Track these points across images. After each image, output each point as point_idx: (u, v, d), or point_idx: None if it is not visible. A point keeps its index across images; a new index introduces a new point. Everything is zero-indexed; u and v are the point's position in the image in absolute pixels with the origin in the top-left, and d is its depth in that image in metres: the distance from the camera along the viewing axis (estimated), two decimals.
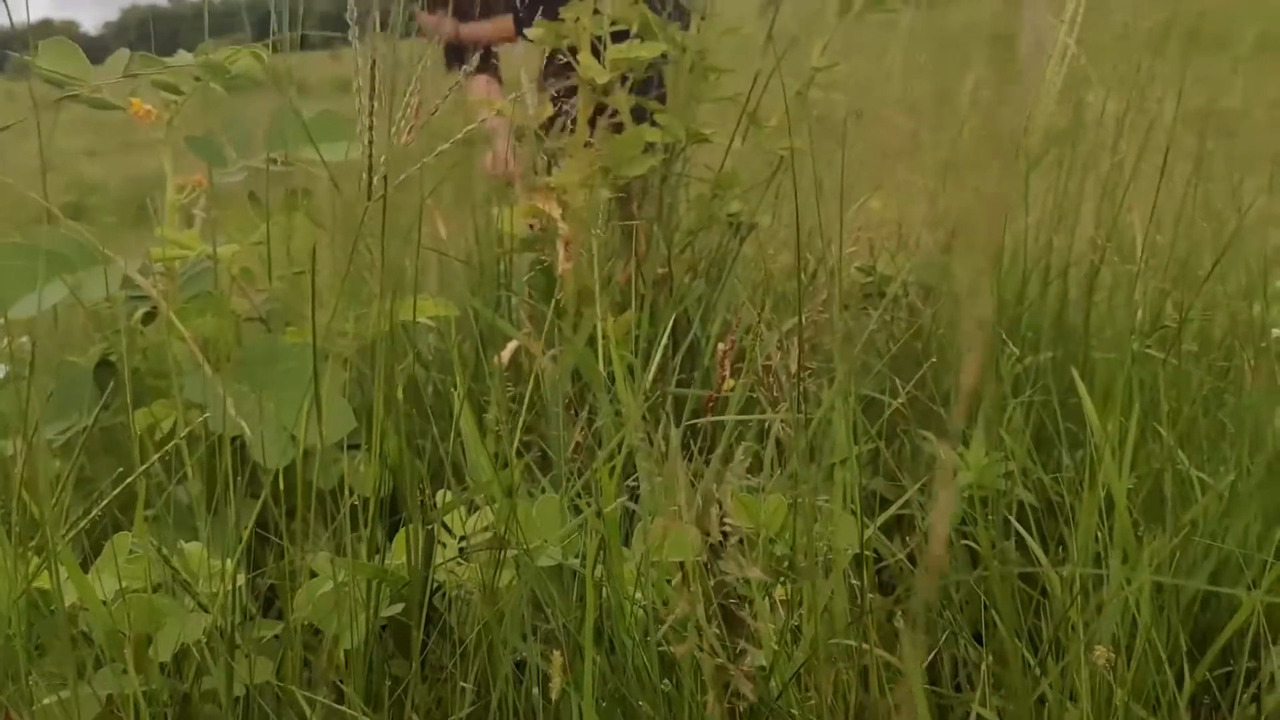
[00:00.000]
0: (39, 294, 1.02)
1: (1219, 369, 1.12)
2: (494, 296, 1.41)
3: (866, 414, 1.27)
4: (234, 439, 1.08)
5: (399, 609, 0.84)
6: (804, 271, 1.47)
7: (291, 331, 1.19)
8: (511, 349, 1.32)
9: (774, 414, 1.25)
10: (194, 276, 1.21)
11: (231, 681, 0.81)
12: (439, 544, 0.89)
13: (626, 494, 1.08)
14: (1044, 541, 1.11)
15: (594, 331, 1.20)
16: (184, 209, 1.20)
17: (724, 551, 1.02)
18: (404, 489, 1.06)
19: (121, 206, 5.82)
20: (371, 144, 0.70)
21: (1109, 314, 1.30)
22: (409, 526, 0.85)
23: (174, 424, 1.12)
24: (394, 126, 0.78)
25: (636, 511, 1.03)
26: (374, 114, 0.69)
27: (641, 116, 1.47)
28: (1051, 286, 1.36)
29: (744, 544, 1.01)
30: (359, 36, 0.79)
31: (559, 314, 1.34)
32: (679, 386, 1.33)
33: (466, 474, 0.95)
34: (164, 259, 1.11)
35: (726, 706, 0.84)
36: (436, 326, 1.31)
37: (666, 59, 1.45)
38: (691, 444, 1.21)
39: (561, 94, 1.49)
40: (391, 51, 1.13)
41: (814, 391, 1.27)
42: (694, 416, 1.28)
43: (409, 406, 1.32)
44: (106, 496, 0.75)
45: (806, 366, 1.28)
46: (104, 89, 1.20)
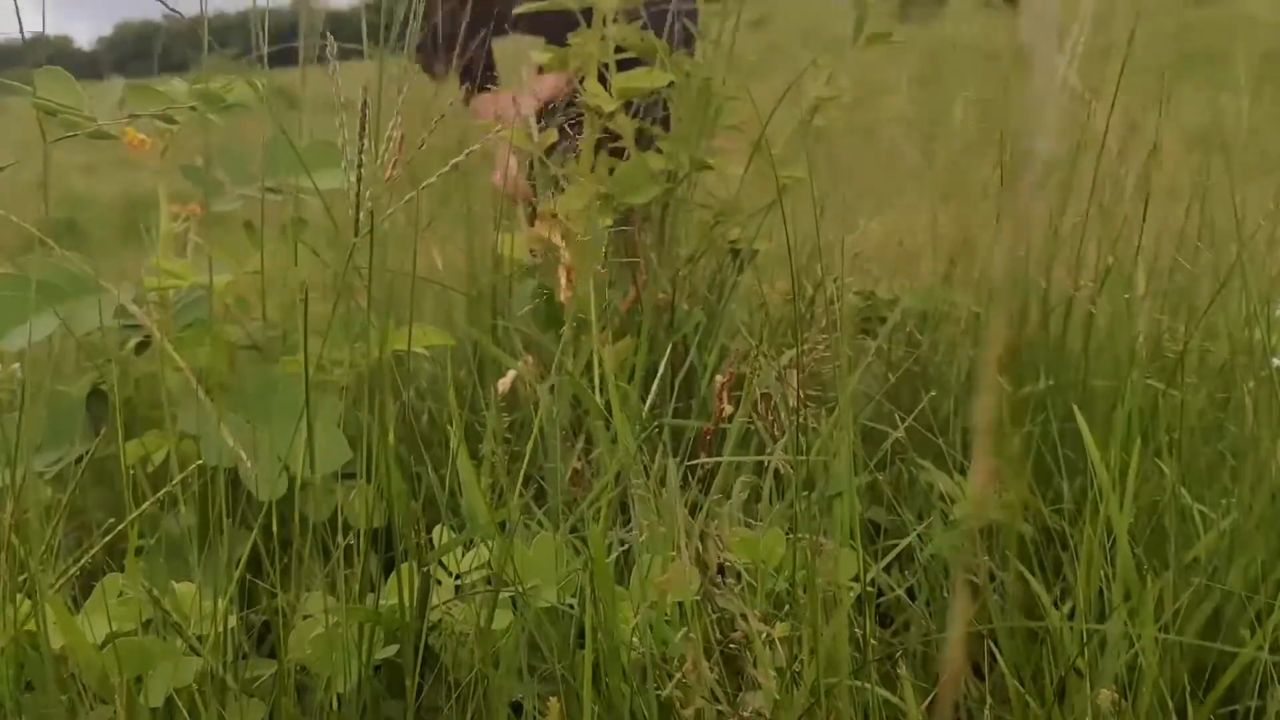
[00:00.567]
0: (29, 326, 1.01)
1: (1219, 400, 1.11)
2: (491, 324, 1.40)
3: (864, 441, 1.26)
4: (228, 470, 1.07)
5: (393, 650, 0.83)
6: (801, 299, 1.47)
7: (287, 361, 1.18)
8: (510, 378, 1.31)
9: (773, 447, 1.24)
10: (188, 305, 1.21)
11: None
12: (434, 582, 0.88)
13: (623, 525, 1.07)
14: (1044, 572, 1.10)
15: (591, 359, 1.19)
16: (178, 237, 1.19)
17: (722, 588, 1.01)
18: (399, 520, 1.06)
19: (116, 223, 5.82)
20: (360, 180, 0.69)
21: (1109, 341, 1.29)
22: (403, 566, 0.84)
23: (167, 455, 1.11)
24: (379, 160, 0.77)
25: (633, 546, 1.02)
26: (362, 151, 0.69)
27: (647, 141, 1.47)
28: (1051, 313, 1.35)
29: (742, 579, 1.00)
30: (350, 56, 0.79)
31: (558, 341, 1.33)
32: (676, 413, 1.32)
33: (462, 507, 0.94)
34: (158, 288, 1.10)
35: None
36: (432, 355, 1.30)
37: (672, 84, 1.44)
38: (689, 476, 1.20)
39: (567, 119, 1.48)
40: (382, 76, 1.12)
41: (812, 423, 1.26)
42: (692, 446, 1.27)
43: (405, 431, 1.31)
44: (97, 543, 0.74)
45: (806, 399, 1.28)
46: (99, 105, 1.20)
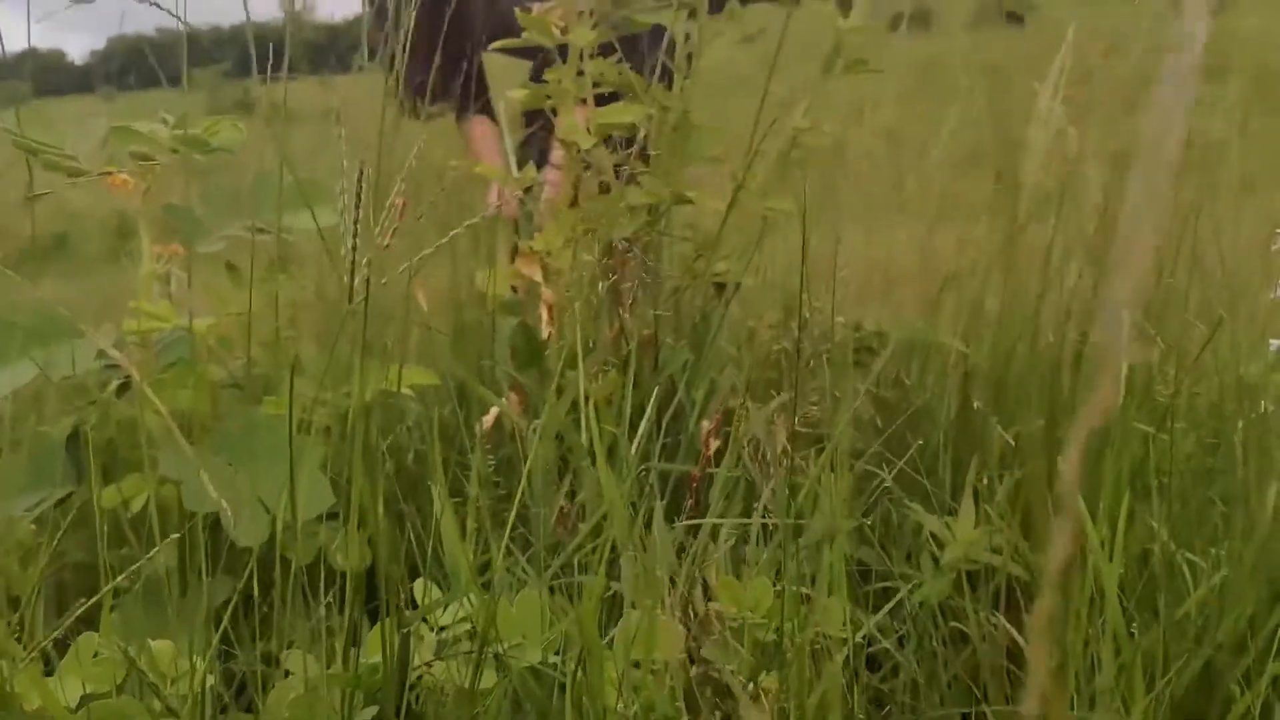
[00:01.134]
0: (11, 372, 1.00)
1: (1208, 445, 1.11)
2: (477, 362, 1.39)
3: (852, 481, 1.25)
4: (209, 513, 1.06)
5: (373, 712, 0.82)
6: (789, 336, 1.46)
7: (270, 402, 1.17)
8: (493, 416, 1.30)
9: (762, 485, 1.23)
10: (171, 344, 1.19)
11: None
12: (416, 637, 0.87)
13: (609, 567, 1.06)
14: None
15: (577, 396, 1.18)
16: (162, 277, 1.18)
17: (707, 641, 1.00)
18: (384, 562, 1.05)
19: (108, 239, 5.80)
20: (355, 249, 0.69)
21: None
22: (385, 621, 0.83)
23: (148, 500, 1.10)
24: (378, 226, 0.76)
25: (619, 594, 1.01)
26: (358, 222, 0.68)
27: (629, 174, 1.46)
28: (1040, 351, 1.34)
29: (727, 628, 0.99)
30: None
31: (543, 379, 1.32)
32: (664, 448, 1.31)
33: (444, 561, 0.93)
34: (139, 331, 1.09)
35: None
36: (418, 395, 1.29)
37: (651, 118, 1.44)
38: (677, 515, 1.20)
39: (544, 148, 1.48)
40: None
41: (800, 462, 1.25)
42: (680, 486, 1.26)
43: (392, 468, 1.30)
44: (74, 611, 0.73)
45: (795, 437, 1.27)
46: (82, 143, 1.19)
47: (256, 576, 0.99)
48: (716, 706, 0.94)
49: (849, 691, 0.98)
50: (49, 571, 1.17)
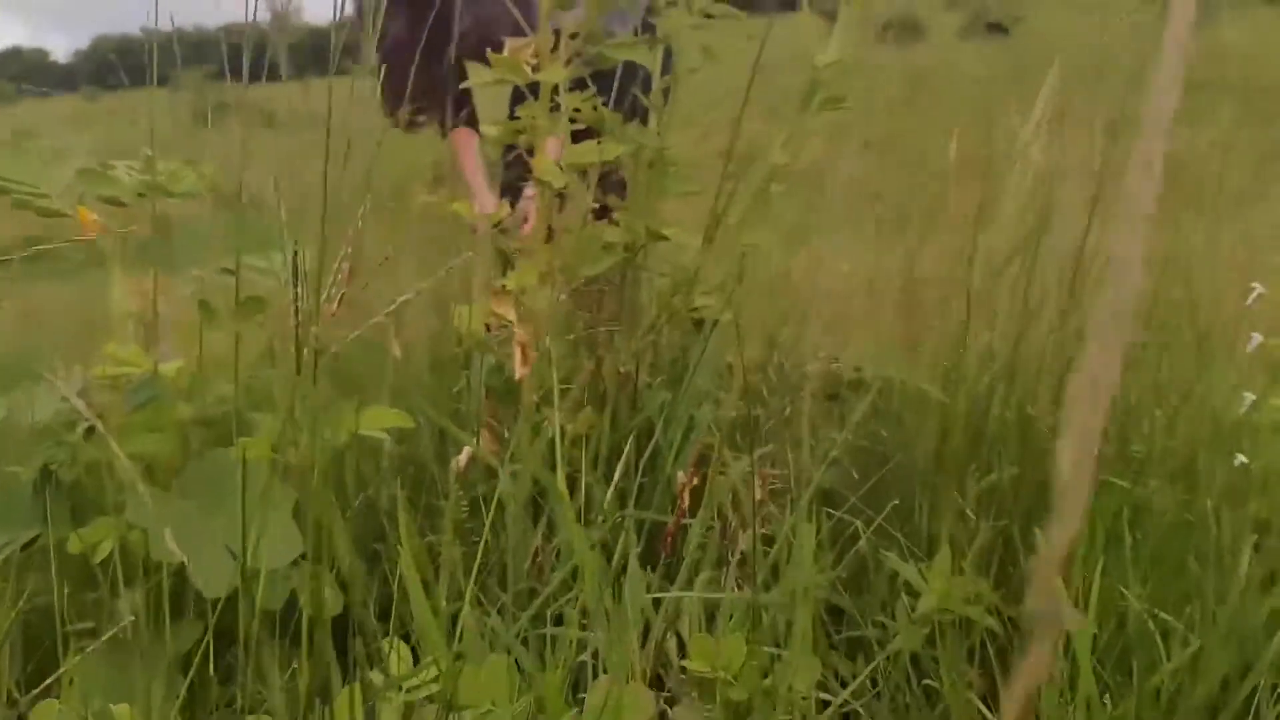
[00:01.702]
0: None
1: (1183, 501, 1.11)
2: (450, 401, 1.38)
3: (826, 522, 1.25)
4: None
5: None
6: (766, 373, 1.45)
7: (241, 443, 1.16)
8: (466, 456, 1.29)
9: (735, 532, 1.22)
10: (140, 385, 1.18)
11: None
12: (384, 699, 0.86)
13: (580, 618, 1.05)
14: (1005, 669, 1.09)
15: (552, 437, 1.17)
16: (133, 315, 1.17)
17: (681, 698, 0.99)
18: (355, 609, 1.04)
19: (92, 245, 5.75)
20: (299, 326, 0.68)
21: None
22: (353, 687, 0.82)
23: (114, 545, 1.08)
24: (324, 294, 0.75)
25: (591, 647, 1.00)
26: (300, 299, 0.67)
27: (603, 211, 1.45)
28: (1015, 395, 1.34)
29: (699, 688, 0.99)
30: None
31: (516, 418, 1.31)
32: (641, 489, 1.30)
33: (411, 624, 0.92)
34: (108, 376, 1.08)
35: None
36: (390, 436, 1.28)
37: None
38: (651, 564, 1.19)
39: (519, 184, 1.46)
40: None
41: (775, 511, 1.24)
42: (656, 529, 1.25)
43: (365, 508, 1.29)
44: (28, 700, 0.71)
45: (769, 487, 1.26)
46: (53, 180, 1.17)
47: (222, 623, 0.99)
48: None
49: None
50: (17, 615, 1.15)
